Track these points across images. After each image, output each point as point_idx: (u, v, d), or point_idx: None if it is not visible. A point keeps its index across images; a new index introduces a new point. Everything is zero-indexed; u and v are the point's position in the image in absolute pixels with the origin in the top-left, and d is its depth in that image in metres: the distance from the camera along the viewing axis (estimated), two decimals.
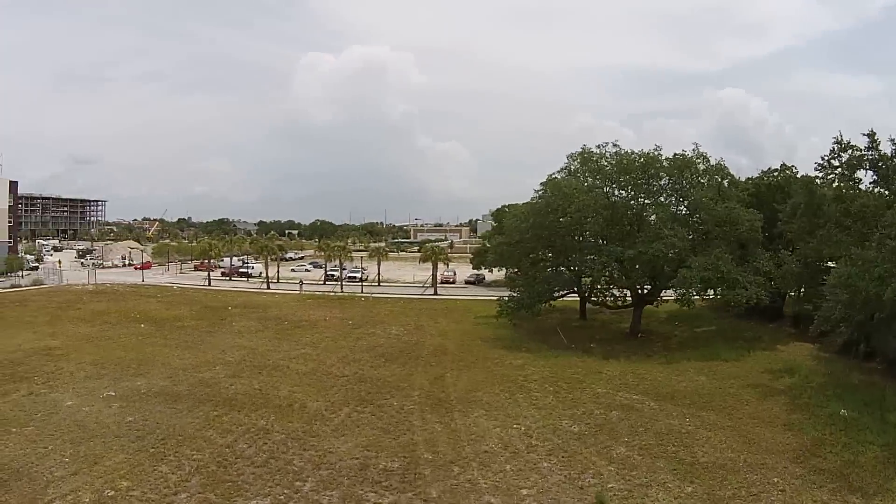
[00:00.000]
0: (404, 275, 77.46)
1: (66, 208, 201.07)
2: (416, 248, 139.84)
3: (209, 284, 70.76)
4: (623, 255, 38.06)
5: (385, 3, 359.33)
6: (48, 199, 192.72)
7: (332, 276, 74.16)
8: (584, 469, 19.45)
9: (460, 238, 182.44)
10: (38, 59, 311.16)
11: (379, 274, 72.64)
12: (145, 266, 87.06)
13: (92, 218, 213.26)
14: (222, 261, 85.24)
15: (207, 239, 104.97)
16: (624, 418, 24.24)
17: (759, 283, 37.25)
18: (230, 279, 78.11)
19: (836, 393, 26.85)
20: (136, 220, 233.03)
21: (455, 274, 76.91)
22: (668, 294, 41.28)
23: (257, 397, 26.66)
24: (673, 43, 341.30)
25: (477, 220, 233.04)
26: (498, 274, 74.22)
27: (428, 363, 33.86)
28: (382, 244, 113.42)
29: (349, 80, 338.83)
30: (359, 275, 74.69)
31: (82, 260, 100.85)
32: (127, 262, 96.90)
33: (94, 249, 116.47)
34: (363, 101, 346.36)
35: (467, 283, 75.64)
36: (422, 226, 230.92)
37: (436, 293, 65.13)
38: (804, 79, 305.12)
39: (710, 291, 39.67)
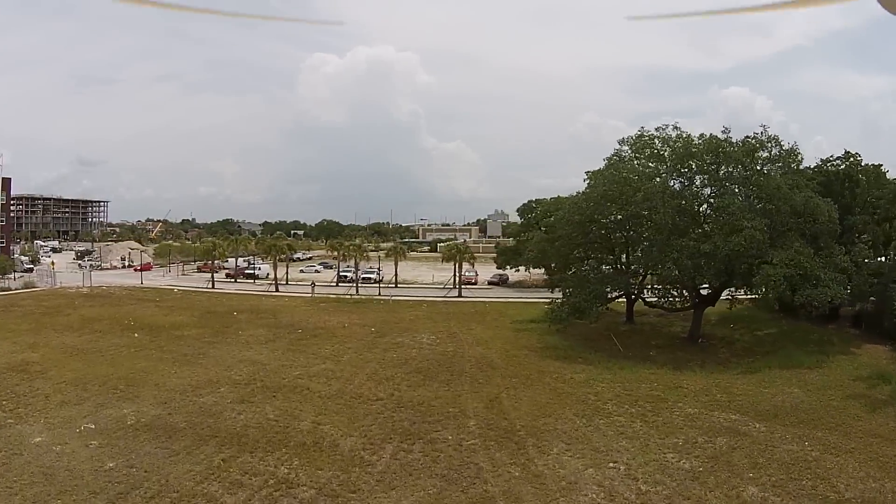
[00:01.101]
0: (420, 275, 73.99)
1: (67, 209, 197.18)
2: (426, 248, 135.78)
3: (213, 287, 66.32)
4: (698, 251, 32.61)
5: (390, 4, 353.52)
6: (49, 199, 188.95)
7: (345, 276, 68.97)
8: None
9: (470, 238, 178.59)
10: (48, 62, 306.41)
11: (396, 275, 67.65)
12: (145, 267, 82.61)
13: (94, 219, 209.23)
14: (227, 261, 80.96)
15: (212, 239, 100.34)
16: (735, 446, 20.32)
17: (840, 281, 33.18)
18: (235, 281, 73.59)
19: None
20: (139, 221, 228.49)
21: (477, 274, 71.78)
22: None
23: (274, 431, 21.27)
24: (679, 42, 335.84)
25: (485, 219, 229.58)
26: (522, 274, 69.69)
27: (475, 380, 28.53)
28: (392, 244, 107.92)
29: (355, 80, 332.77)
30: (374, 276, 69.46)
31: (80, 261, 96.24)
32: (126, 264, 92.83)
33: (94, 250, 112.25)
34: (369, 101, 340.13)
35: (490, 283, 70.92)
36: (429, 226, 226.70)
37: (460, 295, 60.21)
38: (810, 78, 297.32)
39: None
